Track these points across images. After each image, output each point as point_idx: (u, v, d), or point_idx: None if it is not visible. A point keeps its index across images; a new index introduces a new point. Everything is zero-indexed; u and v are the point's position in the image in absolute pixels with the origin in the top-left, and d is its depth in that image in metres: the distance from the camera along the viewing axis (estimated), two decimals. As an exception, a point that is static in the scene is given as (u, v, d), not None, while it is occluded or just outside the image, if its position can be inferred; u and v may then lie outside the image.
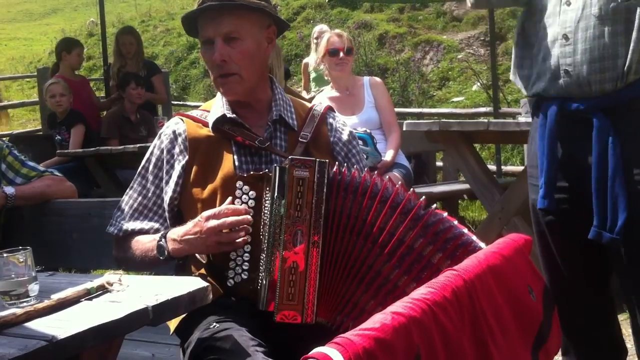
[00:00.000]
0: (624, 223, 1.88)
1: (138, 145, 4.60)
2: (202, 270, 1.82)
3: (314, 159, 1.71)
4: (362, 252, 1.69)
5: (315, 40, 6.08)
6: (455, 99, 10.13)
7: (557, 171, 2.02)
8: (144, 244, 1.90)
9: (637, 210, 1.89)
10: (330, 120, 2.06)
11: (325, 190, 1.68)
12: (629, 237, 1.92)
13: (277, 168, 1.69)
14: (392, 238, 1.69)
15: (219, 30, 1.88)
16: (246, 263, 1.71)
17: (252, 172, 1.79)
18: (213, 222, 1.70)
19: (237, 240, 1.69)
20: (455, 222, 1.73)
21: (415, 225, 1.69)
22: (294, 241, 1.66)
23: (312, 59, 6.09)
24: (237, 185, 1.74)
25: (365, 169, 1.83)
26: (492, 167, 6.63)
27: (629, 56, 1.86)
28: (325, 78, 4.46)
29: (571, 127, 2.00)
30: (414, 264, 1.68)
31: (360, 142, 2.27)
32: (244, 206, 1.72)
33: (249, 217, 1.70)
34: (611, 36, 1.87)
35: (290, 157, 1.72)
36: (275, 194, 1.67)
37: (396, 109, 5.22)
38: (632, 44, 1.85)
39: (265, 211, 1.70)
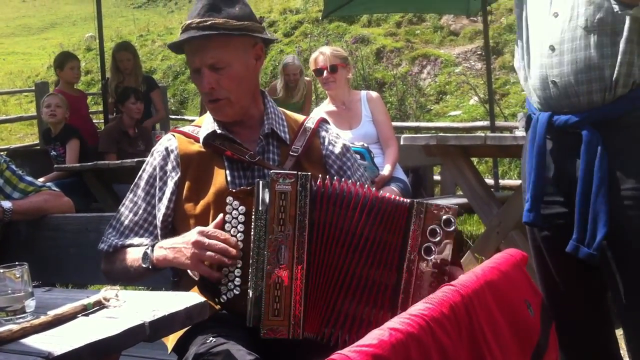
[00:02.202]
0: (605, 237, 1.88)
1: (136, 159, 4.59)
2: (197, 286, 1.82)
3: (295, 172, 1.70)
4: (345, 261, 1.69)
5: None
6: (452, 113, 10.16)
7: (545, 185, 2.02)
8: (131, 254, 1.91)
9: (622, 224, 1.89)
10: (323, 133, 2.06)
11: (308, 203, 1.68)
12: (613, 250, 1.92)
13: (260, 183, 1.69)
14: (377, 244, 1.70)
15: (204, 61, 1.88)
16: (238, 279, 1.71)
17: (242, 188, 1.79)
18: (202, 238, 1.70)
19: (215, 273, 1.70)
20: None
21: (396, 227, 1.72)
22: (277, 256, 1.65)
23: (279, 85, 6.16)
24: (227, 200, 1.73)
25: (359, 182, 1.83)
26: (490, 181, 6.63)
27: (616, 69, 1.86)
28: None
29: (562, 141, 2.01)
30: (399, 262, 1.70)
31: (357, 156, 2.28)
32: (234, 237, 1.71)
33: (235, 252, 1.69)
34: (597, 47, 1.88)
35: (272, 171, 1.72)
36: (259, 209, 1.67)
37: (394, 123, 5.24)
38: (619, 56, 1.86)
39: (253, 226, 1.69)
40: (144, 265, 1.83)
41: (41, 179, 3.51)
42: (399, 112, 10.38)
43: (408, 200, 1.74)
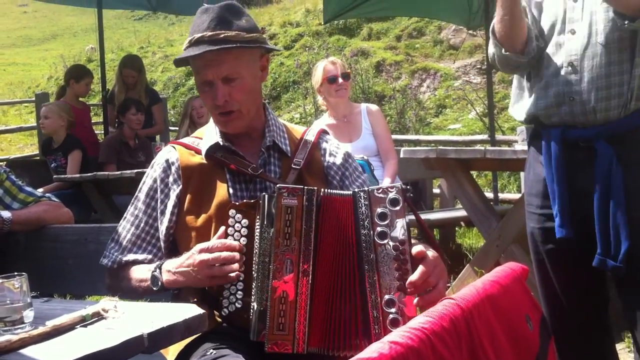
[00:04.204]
0: (627, 250, 1.88)
1: (135, 170, 4.59)
2: (197, 299, 1.81)
3: (302, 186, 1.70)
4: (351, 273, 1.68)
5: None
6: (452, 127, 10.18)
7: (567, 200, 2.01)
8: (138, 274, 1.88)
9: (635, 238, 1.89)
10: (324, 144, 2.05)
11: (314, 217, 1.68)
12: (631, 264, 1.91)
13: (266, 196, 1.68)
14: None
15: (218, 74, 1.86)
16: (240, 292, 1.70)
17: (244, 201, 1.79)
18: (205, 256, 1.69)
19: (231, 275, 1.68)
20: None
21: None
22: (283, 270, 1.65)
23: None
24: (230, 213, 1.73)
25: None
26: (489, 194, 6.64)
27: (633, 82, 1.87)
28: (323, 107, 4.50)
29: (573, 155, 2.00)
30: (359, 259, 1.68)
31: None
32: (237, 241, 1.71)
33: (239, 255, 1.69)
34: (618, 64, 1.88)
35: (278, 185, 1.71)
36: (264, 223, 1.67)
37: (393, 136, 5.24)
38: (636, 70, 1.87)
39: (257, 239, 1.69)
40: (154, 288, 1.81)
41: (41, 190, 3.49)
42: (398, 125, 10.40)
43: (349, 192, 1.73)
